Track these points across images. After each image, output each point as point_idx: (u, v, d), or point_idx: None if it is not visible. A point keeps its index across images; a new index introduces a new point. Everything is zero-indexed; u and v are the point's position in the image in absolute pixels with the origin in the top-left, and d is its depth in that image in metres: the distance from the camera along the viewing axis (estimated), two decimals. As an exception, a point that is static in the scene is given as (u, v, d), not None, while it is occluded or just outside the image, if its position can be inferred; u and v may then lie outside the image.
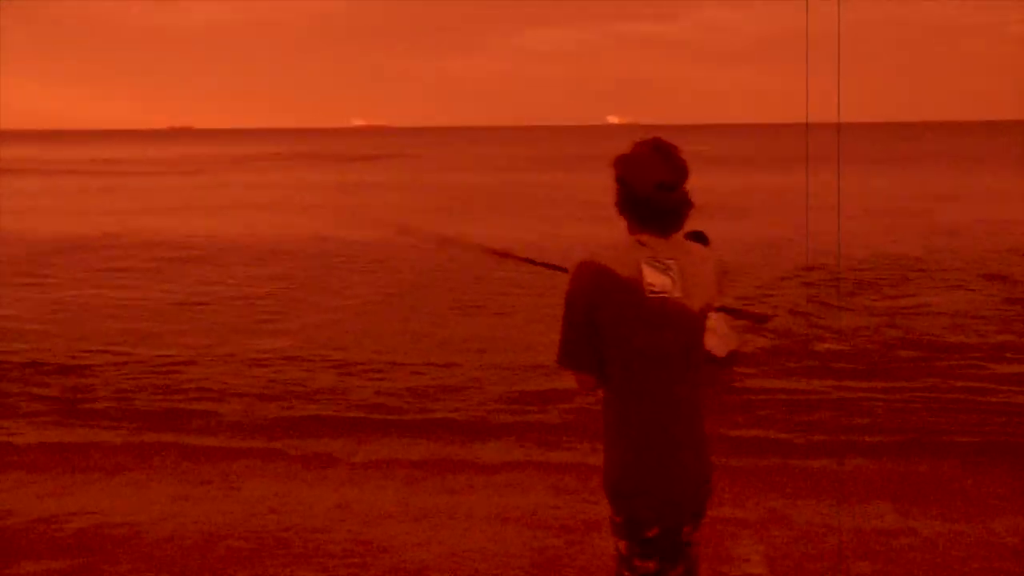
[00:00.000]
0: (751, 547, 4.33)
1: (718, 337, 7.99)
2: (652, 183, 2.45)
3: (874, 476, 5.58)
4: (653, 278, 2.43)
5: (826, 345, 8.80)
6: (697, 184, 2.53)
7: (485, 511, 4.88)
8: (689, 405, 2.52)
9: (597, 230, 18.21)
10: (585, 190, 24.90)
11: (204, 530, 4.67)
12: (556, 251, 14.64)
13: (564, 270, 2.79)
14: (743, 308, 2.57)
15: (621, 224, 2.58)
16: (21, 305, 11.36)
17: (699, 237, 7.74)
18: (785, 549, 4.40)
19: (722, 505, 4.64)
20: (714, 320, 7.81)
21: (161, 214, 23.52)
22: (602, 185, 2.67)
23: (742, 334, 8.46)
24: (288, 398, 7.38)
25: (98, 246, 16.89)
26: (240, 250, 16.17)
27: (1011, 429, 6.51)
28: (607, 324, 2.43)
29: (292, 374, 8.05)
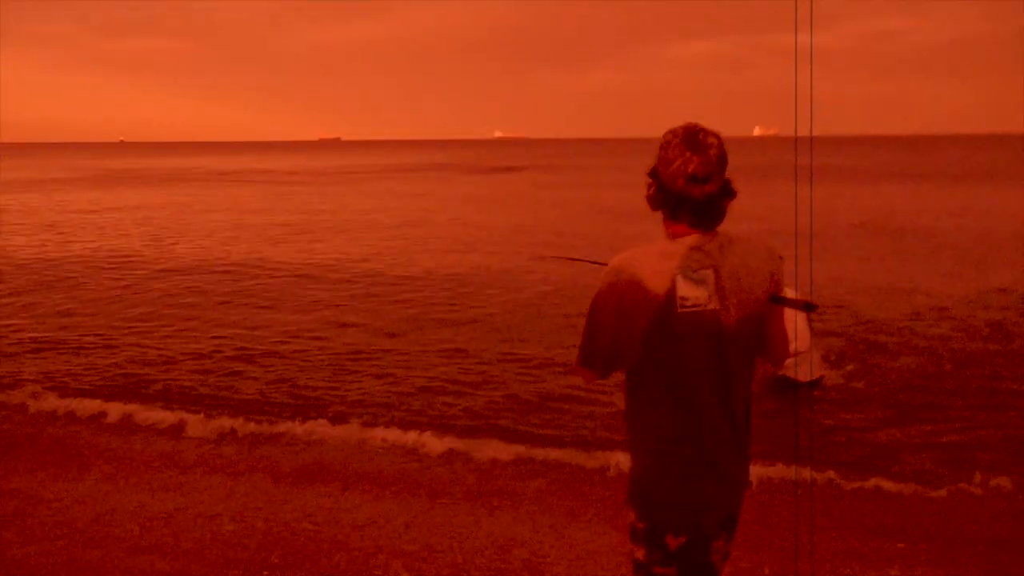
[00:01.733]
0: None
1: (805, 363, 7.50)
2: (682, 175, 2.28)
3: None
4: (686, 291, 2.29)
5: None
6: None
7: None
8: (722, 417, 2.38)
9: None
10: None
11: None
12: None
13: None
14: (789, 297, 2.23)
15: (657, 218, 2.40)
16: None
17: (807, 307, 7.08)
18: None
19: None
20: (805, 345, 7.42)
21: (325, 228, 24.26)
22: (746, 194, 2.35)
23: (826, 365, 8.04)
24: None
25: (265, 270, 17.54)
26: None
27: None
28: (635, 336, 2.33)
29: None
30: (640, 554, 2.43)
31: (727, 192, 2.34)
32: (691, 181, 2.28)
